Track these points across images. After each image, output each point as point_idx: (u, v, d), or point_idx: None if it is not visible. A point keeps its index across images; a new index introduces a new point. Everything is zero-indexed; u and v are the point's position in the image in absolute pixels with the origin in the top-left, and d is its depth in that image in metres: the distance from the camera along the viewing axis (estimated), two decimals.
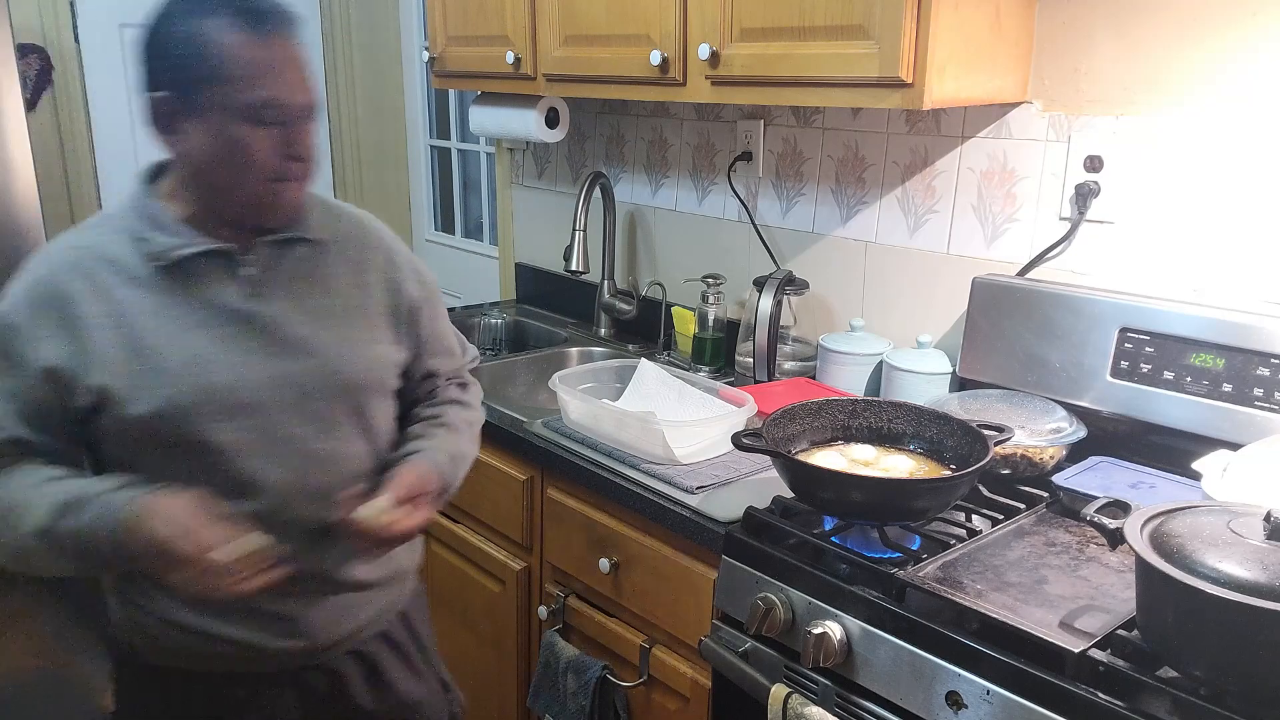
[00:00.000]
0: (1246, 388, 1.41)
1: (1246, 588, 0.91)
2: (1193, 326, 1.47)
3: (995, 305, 1.68)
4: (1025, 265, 1.72)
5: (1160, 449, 1.50)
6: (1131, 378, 1.53)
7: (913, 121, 1.87)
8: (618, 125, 2.51)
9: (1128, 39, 1.56)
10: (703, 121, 2.29)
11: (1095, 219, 1.63)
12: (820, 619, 1.26)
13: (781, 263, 2.16)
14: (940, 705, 1.14)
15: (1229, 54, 1.46)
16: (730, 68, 1.71)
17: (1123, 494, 1.33)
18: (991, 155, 1.76)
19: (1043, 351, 1.62)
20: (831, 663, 1.24)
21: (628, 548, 1.65)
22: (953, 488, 1.30)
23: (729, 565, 1.41)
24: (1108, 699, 1.01)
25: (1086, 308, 1.58)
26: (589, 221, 2.37)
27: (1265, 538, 0.97)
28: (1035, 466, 1.50)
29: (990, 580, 1.21)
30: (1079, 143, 1.63)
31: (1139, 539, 1.01)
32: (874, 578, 1.24)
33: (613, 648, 1.71)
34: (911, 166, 1.88)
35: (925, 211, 1.87)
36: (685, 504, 1.51)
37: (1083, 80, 1.62)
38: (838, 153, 2.01)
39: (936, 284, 1.88)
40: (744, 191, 2.21)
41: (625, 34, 1.91)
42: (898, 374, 1.79)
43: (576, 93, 2.12)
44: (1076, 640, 1.07)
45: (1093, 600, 1.17)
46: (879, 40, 1.48)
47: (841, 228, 2.04)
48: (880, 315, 1.98)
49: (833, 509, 1.37)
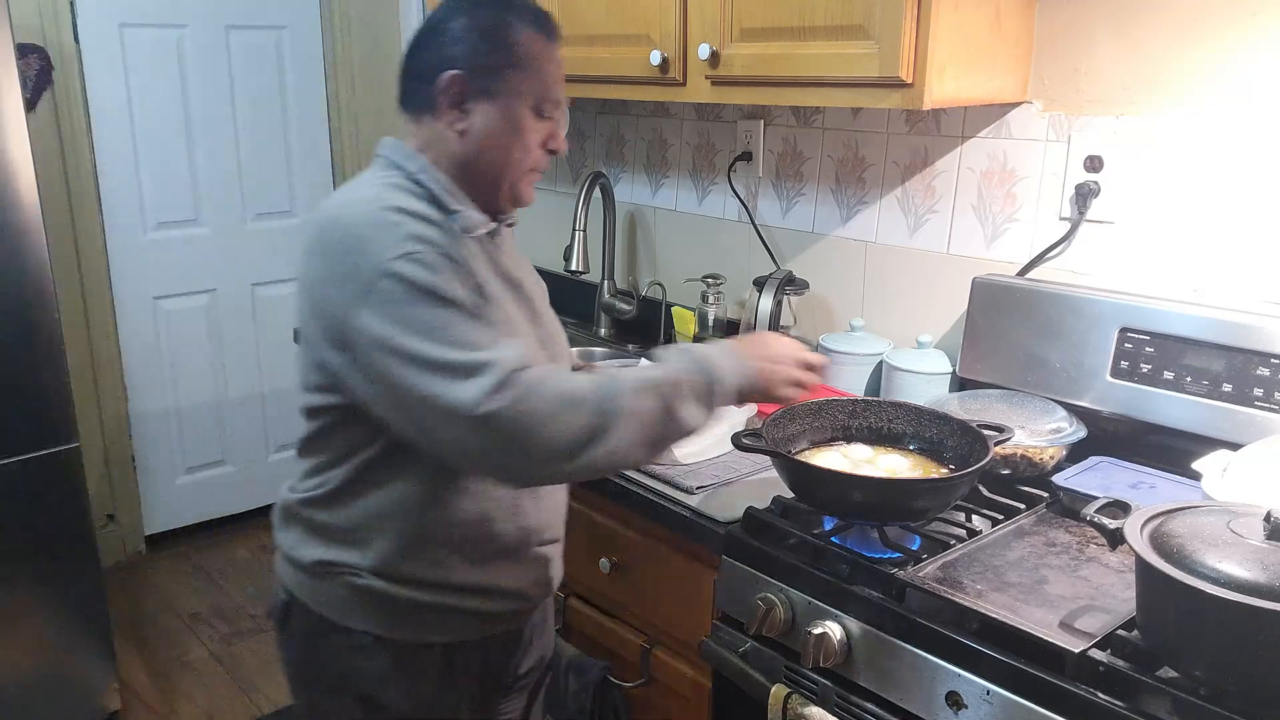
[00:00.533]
0: (1246, 388, 1.41)
1: (1246, 588, 0.91)
2: (1193, 326, 1.47)
3: (995, 305, 1.68)
4: (1025, 265, 1.72)
5: (1160, 449, 1.50)
6: (1131, 378, 1.53)
7: (913, 121, 1.87)
8: (618, 125, 2.51)
9: (1128, 39, 1.56)
10: (703, 121, 2.29)
11: (1095, 219, 1.63)
12: (820, 619, 1.26)
13: (781, 263, 2.16)
14: (940, 705, 1.14)
15: (1229, 54, 1.46)
16: (730, 68, 1.71)
17: (1123, 494, 1.33)
18: (991, 155, 1.76)
19: (1043, 351, 1.62)
20: (831, 663, 1.24)
21: (628, 548, 1.65)
22: (953, 488, 1.30)
23: (729, 565, 1.41)
24: (1108, 699, 1.01)
25: (1086, 308, 1.58)
26: (589, 221, 2.37)
27: (1265, 538, 0.97)
28: (1035, 466, 1.50)
29: (990, 580, 1.21)
30: (1079, 143, 1.63)
31: (1139, 539, 1.01)
32: (874, 578, 1.24)
33: (613, 648, 1.71)
34: (911, 166, 1.88)
35: (925, 211, 1.87)
36: (685, 504, 1.51)
37: (1083, 80, 1.62)
38: (838, 153, 2.01)
39: (936, 284, 1.88)
40: (744, 191, 2.21)
41: (625, 34, 1.91)
42: (898, 374, 1.79)
43: (576, 93, 2.11)
44: (1076, 640, 1.07)
45: (1093, 600, 1.17)
46: (879, 40, 1.48)
47: (841, 228, 2.04)
48: (880, 315, 1.98)
49: (833, 509, 1.36)
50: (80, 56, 3.03)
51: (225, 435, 3.55)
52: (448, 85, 1.21)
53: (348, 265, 1.11)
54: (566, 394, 1.08)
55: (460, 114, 1.22)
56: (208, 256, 3.40)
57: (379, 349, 1.08)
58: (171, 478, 3.48)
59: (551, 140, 1.27)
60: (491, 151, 1.23)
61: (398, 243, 1.10)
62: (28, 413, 2.26)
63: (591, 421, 1.08)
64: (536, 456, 1.08)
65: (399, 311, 1.08)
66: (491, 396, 1.05)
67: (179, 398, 3.43)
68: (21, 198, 2.17)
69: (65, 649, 2.42)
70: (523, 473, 1.13)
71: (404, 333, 1.08)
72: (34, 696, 2.39)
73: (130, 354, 3.30)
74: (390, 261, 1.09)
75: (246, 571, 3.35)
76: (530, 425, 1.06)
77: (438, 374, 1.07)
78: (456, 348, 1.07)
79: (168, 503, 3.48)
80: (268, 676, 2.78)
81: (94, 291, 3.16)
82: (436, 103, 1.22)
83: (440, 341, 1.07)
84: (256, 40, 3.37)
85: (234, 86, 3.35)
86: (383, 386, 1.10)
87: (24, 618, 2.34)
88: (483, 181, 1.25)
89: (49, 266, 2.24)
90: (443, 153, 1.24)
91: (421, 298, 1.09)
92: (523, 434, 1.06)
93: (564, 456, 1.08)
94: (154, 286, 3.31)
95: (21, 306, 2.21)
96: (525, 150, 1.24)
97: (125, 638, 2.91)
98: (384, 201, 1.16)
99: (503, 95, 1.22)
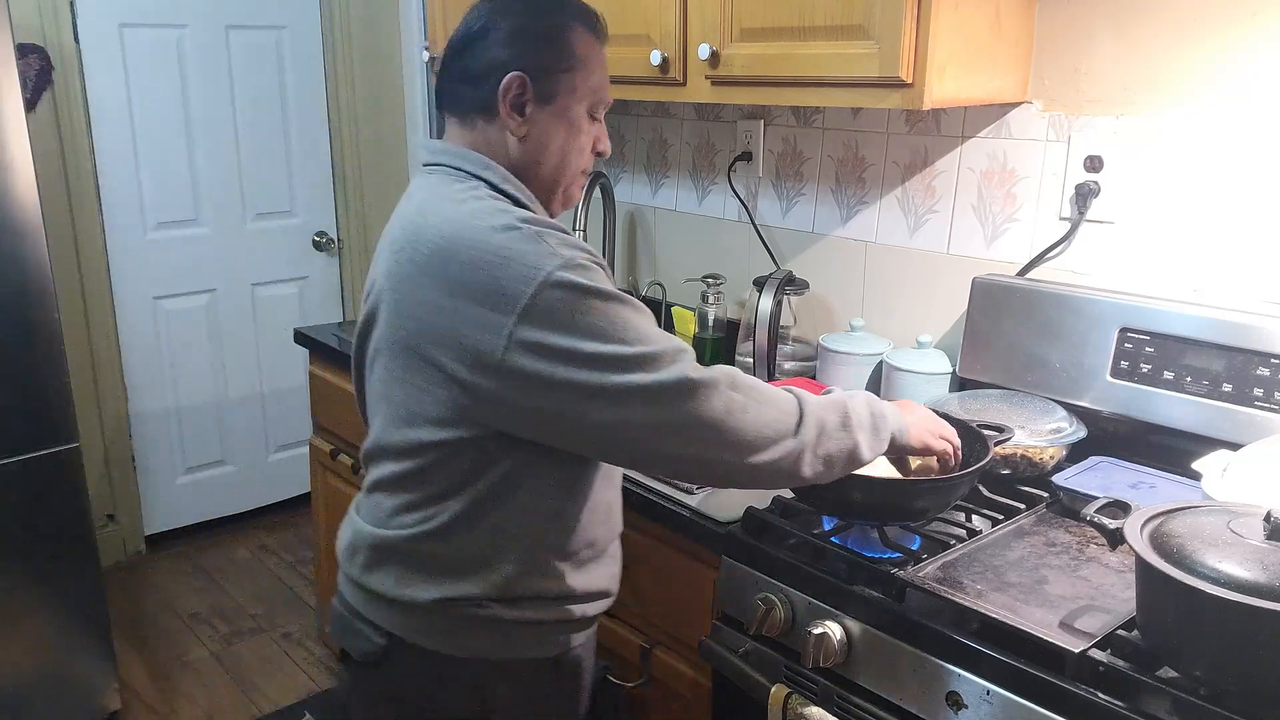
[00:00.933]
0: (1246, 388, 1.41)
1: (1246, 588, 0.91)
2: (1193, 326, 1.47)
3: (995, 305, 1.68)
4: (1025, 265, 1.72)
5: (1160, 449, 1.50)
6: (1131, 378, 1.53)
7: (913, 121, 1.87)
8: (618, 125, 2.51)
9: (1128, 39, 1.56)
10: (703, 121, 2.29)
11: (1095, 219, 1.63)
12: (820, 619, 1.26)
13: (781, 263, 2.16)
14: (940, 705, 1.14)
15: (1229, 54, 1.46)
16: (730, 68, 1.71)
17: (1123, 494, 1.33)
18: (991, 155, 1.76)
19: (1043, 351, 1.62)
20: (831, 663, 1.24)
21: (627, 548, 1.64)
22: (953, 488, 1.30)
23: (729, 565, 1.41)
24: (1108, 699, 1.01)
25: (1086, 308, 1.58)
26: (589, 221, 2.37)
27: (1265, 538, 0.97)
28: (1035, 466, 1.50)
29: (990, 580, 1.21)
30: (1079, 143, 1.63)
31: (1139, 539, 1.01)
32: (874, 578, 1.24)
33: (613, 648, 1.71)
34: (911, 166, 1.88)
35: (925, 211, 1.87)
36: (685, 504, 1.51)
37: (1083, 80, 1.62)
38: (838, 153, 2.01)
39: (936, 284, 1.88)
40: (744, 191, 2.21)
41: (625, 34, 1.91)
42: (898, 374, 1.79)
43: None
44: (1076, 640, 1.07)
45: (1093, 600, 1.17)
46: (879, 40, 1.48)
47: (841, 228, 2.04)
48: (880, 315, 1.98)
49: (833, 509, 1.37)
50: (80, 56, 3.02)
51: (225, 435, 3.55)
52: (509, 87, 1.17)
53: (496, 285, 1.06)
54: (762, 386, 1.12)
55: (520, 117, 1.19)
56: (208, 256, 3.40)
57: (562, 360, 1.05)
58: (171, 478, 3.48)
59: (599, 142, 1.26)
60: (551, 155, 1.21)
61: (547, 254, 1.07)
62: (28, 413, 2.26)
63: (787, 419, 1.11)
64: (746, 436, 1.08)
65: (574, 321, 1.05)
66: (699, 371, 1.07)
67: (179, 398, 3.43)
68: (21, 198, 2.17)
69: (65, 649, 2.42)
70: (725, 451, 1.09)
71: (586, 339, 1.05)
72: (34, 696, 2.38)
73: (130, 354, 3.30)
74: (554, 272, 1.05)
75: (246, 571, 3.35)
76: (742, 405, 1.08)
77: (637, 368, 1.05)
78: (646, 341, 1.07)
79: (167, 503, 3.48)
80: (268, 676, 2.79)
81: (94, 291, 3.16)
82: (494, 105, 1.18)
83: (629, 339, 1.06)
84: (256, 40, 3.37)
85: (234, 86, 3.35)
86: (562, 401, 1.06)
87: (24, 618, 2.34)
88: (539, 184, 1.23)
89: (49, 266, 2.24)
90: (499, 156, 1.20)
91: (595, 300, 1.06)
92: (736, 410, 1.08)
93: (756, 447, 1.09)
94: (154, 286, 3.31)
95: (21, 306, 2.21)
96: (580, 153, 1.23)
97: (125, 638, 2.91)
98: (500, 214, 1.12)
99: (561, 98, 1.19)
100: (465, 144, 1.21)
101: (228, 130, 3.36)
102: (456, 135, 1.23)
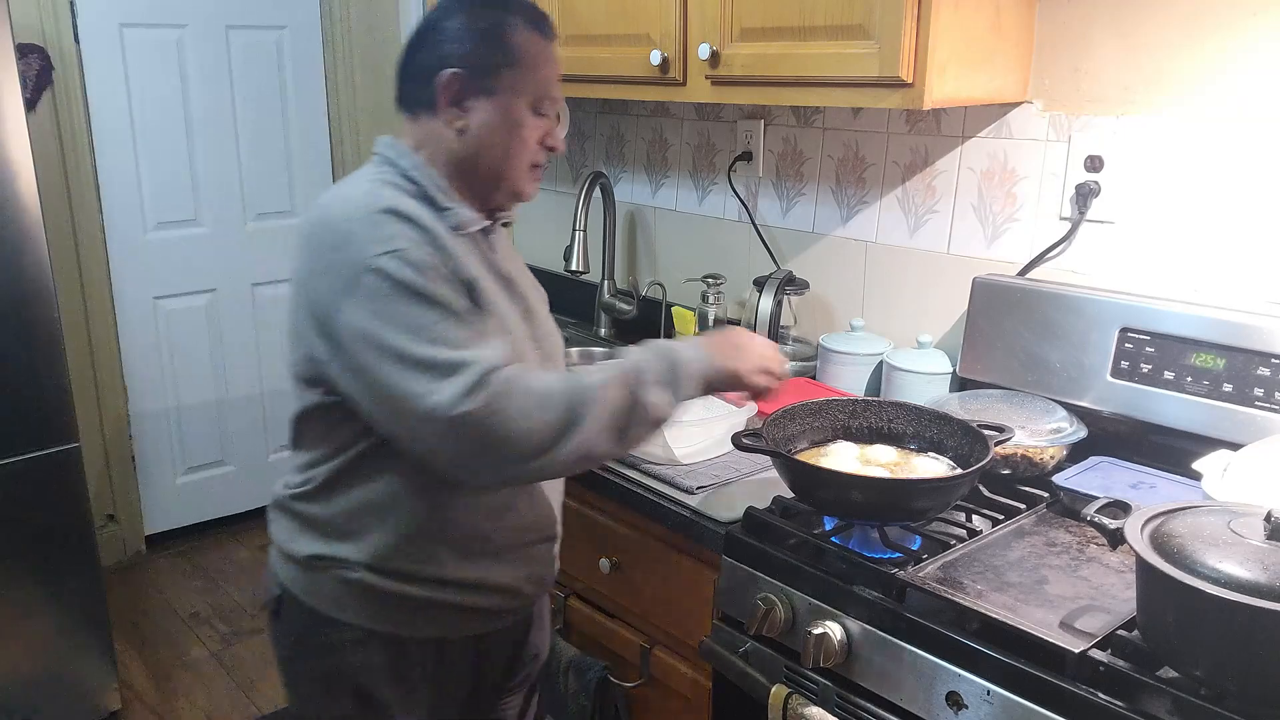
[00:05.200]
0: (1246, 388, 1.41)
1: (1247, 588, 0.91)
2: (1193, 326, 1.47)
3: (995, 305, 1.68)
4: (1025, 265, 1.72)
5: (1160, 449, 1.50)
6: (1132, 378, 1.53)
7: (913, 121, 1.87)
8: (618, 125, 2.51)
9: (1128, 39, 1.56)
10: (703, 121, 2.29)
11: (1095, 219, 1.63)
12: (820, 619, 1.26)
13: (781, 263, 2.16)
14: (940, 705, 1.14)
15: (1229, 54, 1.46)
16: (730, 67, 1.71)
17: (1123, 494, 1.33)
18: (992, 155, 1.76)
19: (1043, 351, 1.62)
20: (832, 663, 1.24)
21: (628, 548, 1.65)
22: (953, 488, 1.30)
23: (729, 565, 1.41)
24: (1108, 699, 1.01)
25: (1087, 308, 1.58)
26: (589, 221, 2.37)
27: (1265, 538, 0.97)
28: (1035, 466, 1.50)
29: (990, 580, 1.21)
30: (1079, 143, 1.63)
31: (1139, 539, 1.01)
32: (874, 578, 1.24)
33: (613, 648, 1.71)
34: (912, 166, 1.88)
35: (925, 211, 1.87)
36: (685, 504, 1.51)
37: (1083, 80, 1.62)
38: (838, 153, 2.01)
39: (936, 284, 1.88)
40: (744, 191, 2.21)
41: (625, 34, 1.91)
42: (898, 374, 1.79)
43: (576, 92, 2.11)
44: (1077, 640, 1.07)
45: (1093, 600, 1.16)
46: (879, 40, 1.48)
47: (841, 228, 2.04)
48: (880, 315, 1.98)
49: (833, 509, 1.36)
50: (80, 56, 3.03)
51: (225, 435, 3.55)
52: (447, 83, 1.22)
53: (334, 259, 1.14)
54: (537, 391, 1.11)
55: (459, 112, 1.24)
56: (208, 256, 3.40)
57: (361, 342, 1.11)
58: (171, 478, 3.48)
59: (549, 137, 1.29)
60: (490, 149, 1.25)
61: (382, 239, 1.12)
62: (28, 412, 2.26)
63: (562, 417, 1.10)
64: (509, 456, 1.10)
65: (381, 307, 1.10)
66: (466, 398, 1.07)
67: (179, 398, 3.43)
68: (21, 198, 2.17)
69: (65, 649, 2.42)
70: (494, 473, 1.14)
71: (385, 328, 1.10)
72: (34, 696, 2.38)
73: (130, 354, 3.30)
74: (374, 258, 1.11)
75: (246, 571, 3.35)
76: (503, 425, 1.08)
77: (415, 371, 1.09)
78: (435, 345, 1.09)
79: (167, 503, 3.48)
80: (267, 676, 2.78)
81: (94, 291, 3.16)
82: (435, 101, 1.23)
83: (420, 339, 1.09)
84: (256, 40, 3.37)
85: (234, 86, 3.35)
86: (363, 381, 1.12)
87: (24, 618, 2.34)
88: (481, 179, 1.27)
89: (49, 266, 2.24)
90: (439, 150, 1.25)
91: (404, 295, 1.11)
92: (495, 435, 1.08)
93: (535, 454, 1.10)
94: (154, 286, 3.31)
95: (21, 306, 2.21)
96: (523, 146, 1.26)
97: (125, 638, 2.91)
98: (373, 198, 1.18)
99: (501, 93, 1.23)
100: (410, 138, 1.27)
101: (228, 130, 3.36)
102: (405, 130, 1.28)
